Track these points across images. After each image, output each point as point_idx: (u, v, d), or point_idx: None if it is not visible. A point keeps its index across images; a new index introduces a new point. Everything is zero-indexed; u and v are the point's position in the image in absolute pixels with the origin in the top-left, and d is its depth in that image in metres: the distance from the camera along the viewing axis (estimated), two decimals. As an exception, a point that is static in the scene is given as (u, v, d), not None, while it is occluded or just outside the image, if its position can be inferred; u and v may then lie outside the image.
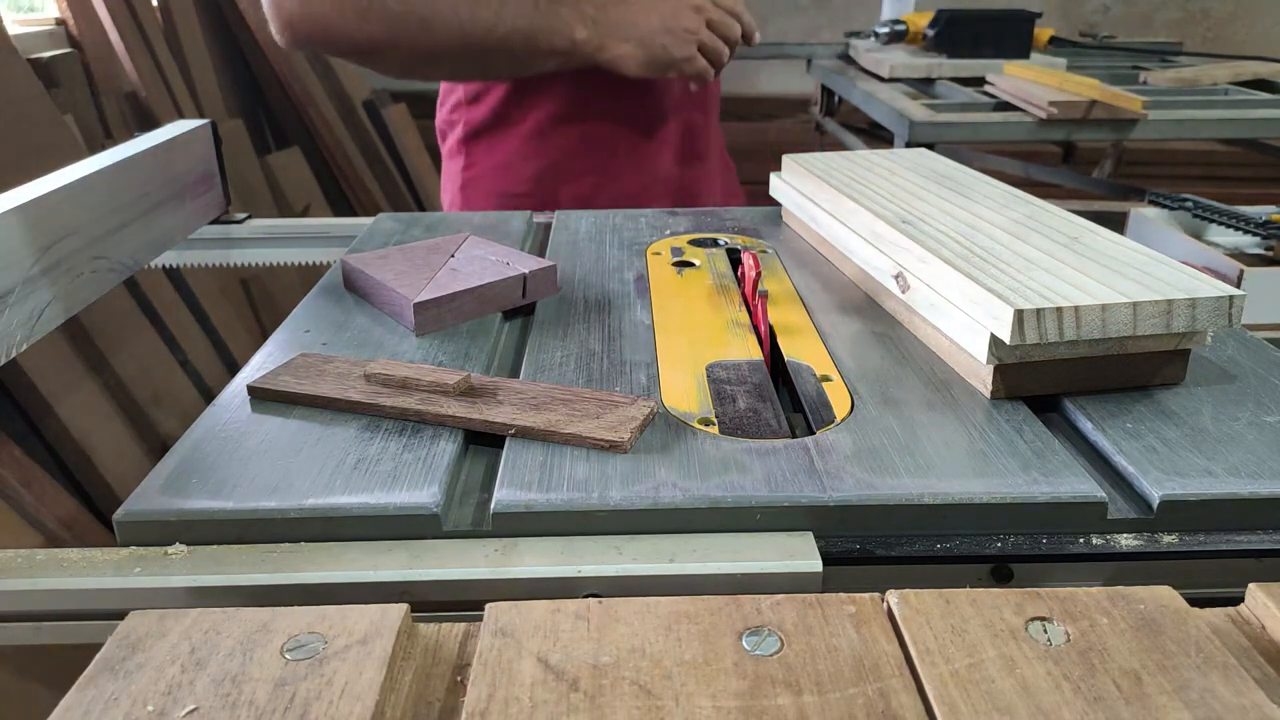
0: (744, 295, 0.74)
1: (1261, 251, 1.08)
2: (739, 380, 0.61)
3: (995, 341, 0.56)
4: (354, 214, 2.77)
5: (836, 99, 2.31)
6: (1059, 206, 0.74)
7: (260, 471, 0.51)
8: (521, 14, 0.98)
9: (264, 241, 1.05)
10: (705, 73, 1.08)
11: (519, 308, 0.74)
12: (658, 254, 0.85)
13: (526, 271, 0.73)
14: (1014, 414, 0.56)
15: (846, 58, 2.23)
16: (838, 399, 0.58)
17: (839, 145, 2.43)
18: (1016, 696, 0.34)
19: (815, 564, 0.45)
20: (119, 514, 0.48)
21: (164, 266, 1.04)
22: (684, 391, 0.59)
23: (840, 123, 2.38)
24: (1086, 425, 0.55)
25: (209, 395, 1.95)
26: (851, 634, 0.37)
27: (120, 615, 0.39)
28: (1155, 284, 0.57)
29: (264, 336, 0.74)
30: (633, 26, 1.03)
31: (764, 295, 0.69)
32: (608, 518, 0.47)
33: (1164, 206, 1.15)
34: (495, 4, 0.97)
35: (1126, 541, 0.48)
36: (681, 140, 1.22)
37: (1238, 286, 0.63)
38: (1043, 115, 1.63)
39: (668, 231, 0.92)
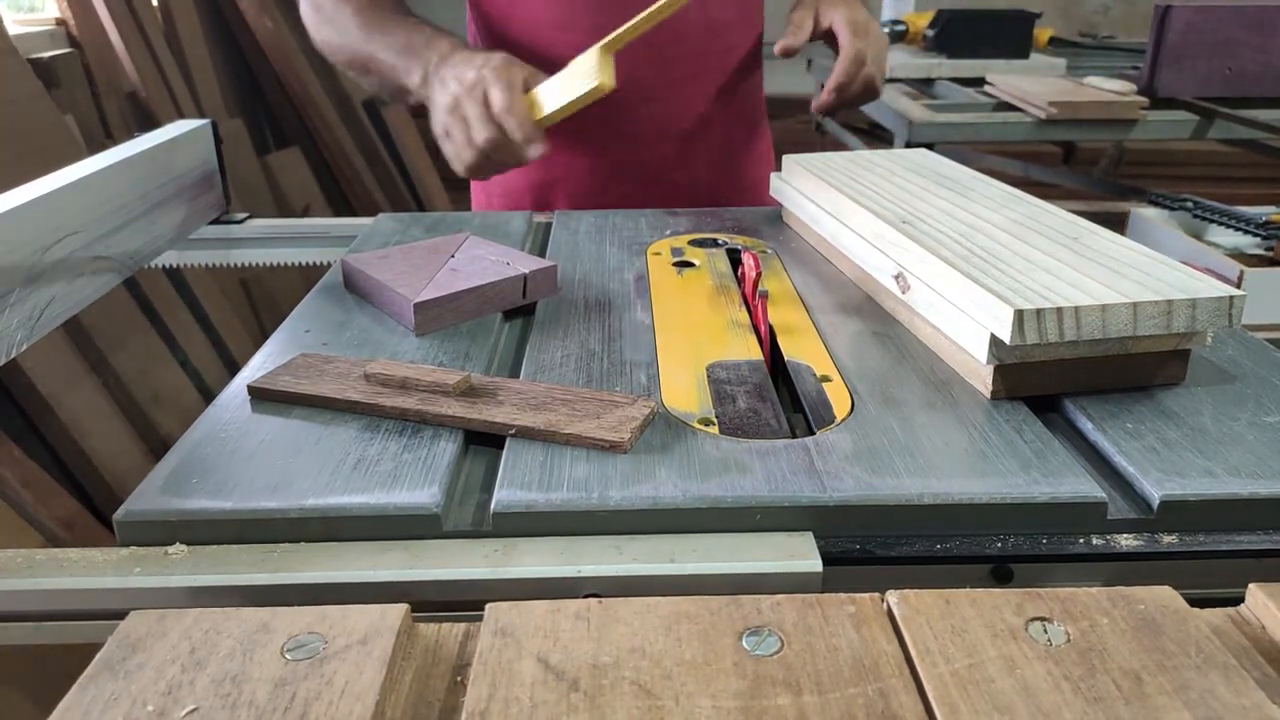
0: (744, 295, 0.74)
1: (1261, 251, 1.08)
2: (739, 380, 0.61)
3: (995, 341, 0.56)
4: (354, 214, 2.77)
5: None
6: (1059, 206, 0.74)
7: (260, 471, 0.51)
8: (390, 51, 0.99)
9: (264, 241, 1.05)
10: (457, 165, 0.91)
11: (519, 308, 0.74)
12: (658, 254, 0.85)
13: (527, 271, 0.73)
14: (1014, 414, 0.56)
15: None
16: (838, 399, 0.58)
17: (839, 145, 2.43)
18: (1016, 696, 0.34)
19: (815, 564, 0.45)
20: (119, 514, 0.48)
21: (164, 266, 1.04)
22: (684, 391, 0.59)
23: (840, 123, 2.38)
24: (1086, 425, 0.55)
25: (209, 395, 1.95)
26: (851, 634, 0.37)
27: (120, 615, 0.39)
28: (1155, 284, 0.57)
29: (264, 336, 0.74)
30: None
31: (764, 295, 0.69)
32: (608, 518, 0.47)
33: (1164, 206, 1.15)
34: (377, 39, 1.00)
35: (1126, 541, 0.48)
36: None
37: (1238, 287, 0.63)
38: (1043, 115, 1.63)
39: (668, 231, 0.92)
